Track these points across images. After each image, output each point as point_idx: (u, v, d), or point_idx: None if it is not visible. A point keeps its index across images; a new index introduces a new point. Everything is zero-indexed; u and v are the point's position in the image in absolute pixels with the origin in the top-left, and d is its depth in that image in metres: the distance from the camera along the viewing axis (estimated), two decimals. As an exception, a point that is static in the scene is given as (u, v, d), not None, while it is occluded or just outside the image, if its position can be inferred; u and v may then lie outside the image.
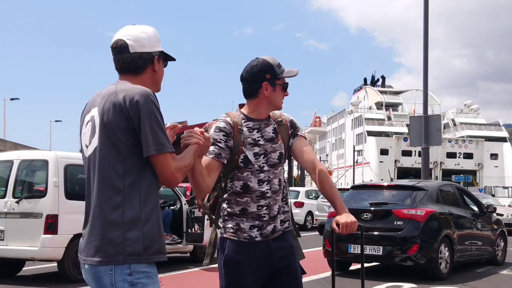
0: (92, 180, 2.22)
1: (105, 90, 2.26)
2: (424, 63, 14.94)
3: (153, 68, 2.32)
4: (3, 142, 38.58)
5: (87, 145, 2.25)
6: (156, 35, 2.35)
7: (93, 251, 2.12)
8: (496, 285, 8.30)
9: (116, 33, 2.35)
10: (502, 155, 72.90)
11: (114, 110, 2.14)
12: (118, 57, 2.31)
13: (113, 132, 2.14)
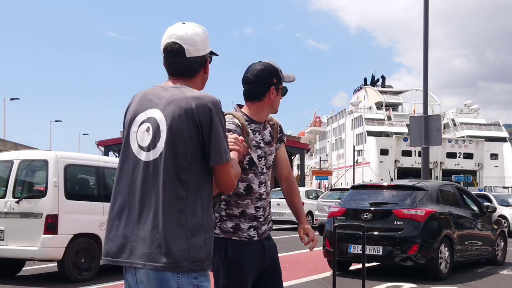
0: (145, 183, 2.15)
1: (167, 93, 2.20)
2: (424, 63, 14.94)
3: (205, 70, 2.33)
4: (3, 142, 38.59)
5: (142, 147, 2.18)
6: (207, 35, 2.32)
7: (157, 255, 2.08)
8: (496, 285, 8.30)
9: (167, 33, 2.29)
10: (502, 155, 72.93)
11: (186, 118, 2.11)
12: (172, 61, 2.26)
13: (183, 140, 2.12)
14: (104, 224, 8.42)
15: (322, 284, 7.84)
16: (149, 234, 2.10)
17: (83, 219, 8.21)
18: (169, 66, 2.28)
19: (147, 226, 2.11)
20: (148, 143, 2.16)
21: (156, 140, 2.14)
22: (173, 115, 2.12)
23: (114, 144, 25.66)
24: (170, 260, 2.07)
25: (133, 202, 2.16)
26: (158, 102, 2.18)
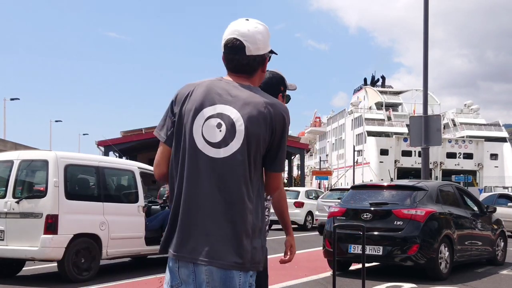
0: (215, 180, 2.12)
1: (242, 92, 2.18)
2: (424, 63, 14.94)
3: (263, 69, 2.32)
4: (3, 142, 38.58)
5: (211, 142, 2.13)
6: (269, 34, 2.30)
7: (225, 254, 2.08)
8: (496, 285, 8.30)
9: (229, 28, 2.25)
10: (502, 155, 72.94)
11: (264, 122, 2.13)
12: (232, 57, 2.24)
13: (257, 144, 2.13)
14: (104, 224, 8.43)
15: (322, 284, 7.84)
16: (219, 232, 2.09)
17: (83, 219, 8.21)
18: (228, 62, 2.25)
19: (216, 223, 2.10)
20: (219, 139, 2.12)
21: (230, 139, 2.11)
22: (251, 118, 2.12)
23: (114, 144, 25.64)
24: (238, 260, 2.08)
25: (201, 198, 2.12)
26: (231, 100, 2.15)
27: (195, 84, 2.24)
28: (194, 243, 2.10)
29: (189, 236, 2.12)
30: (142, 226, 9.12)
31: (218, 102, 2.15)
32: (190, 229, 2.12)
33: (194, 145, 2.14)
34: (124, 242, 8.79)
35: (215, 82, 2.22)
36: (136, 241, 9.03)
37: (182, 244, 2.13)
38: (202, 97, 2.17)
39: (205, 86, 2.20)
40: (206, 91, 2.18)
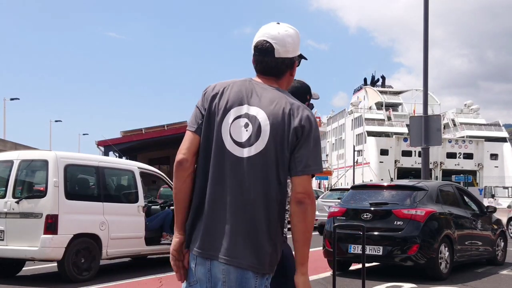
0: (240, 180, 2.12)
1: (268, 93, 2.20)
2: (424, 63, 14.93)
3: (291, 73, 2.33)
4: (3, 142, 38.57)
5: (238, 142, 2.15)
6: (299, 38, 2.31)
7: (245, 254, 2.08)
8: (496, 285, 8.29)
9: (260, 31, 2.28)
10: (502, 155, 72.92)
11: (289, 125, 2.13)
12: (261, 59, 2.26)
13: (282, 143, 2.12)
14: (104, 224, 8.43)
15: (322, 284, 7.84)
16: (240, 232, 2.09)
17: (83, 219, 8.21)
18: (258, 64, 2.27)
19: (238, 223, 2.10)
20: (245, 139, 2.14)
21: (255, 139, 2.13)
22: (276, 119, 2.13)
23: (114, 144, 25.62)
24: (256, 262, 2.08)
25: (224, 196, 2.12)
26: (258, 101, 2.18)
27: (226, 83, 2.25)
28: (214, 240, 2.11)
29: (209, 233, 2.12)
30: (142, 226, 9.12)
31: (246, 102, 2.18)
32: (211, 226, 2.13)
33: (221, 144, 2.15)
34: (124, 242, 8.79)
35: (245, 83, 2.24)
36: (136, 241, 9.02)
37: (202, 240, 2.13)
38: (232, 97, 2.19)
39: (235, 87, 2.22)
40: (237, 92, 2.20)
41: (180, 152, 2.22)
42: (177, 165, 2.22)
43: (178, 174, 2.21)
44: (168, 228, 9.96)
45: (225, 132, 2.16)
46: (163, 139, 30.06)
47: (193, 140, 2.22)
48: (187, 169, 2.21)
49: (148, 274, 8.69)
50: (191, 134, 2.23)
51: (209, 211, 2.14)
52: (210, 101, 2.21)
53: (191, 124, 2.25)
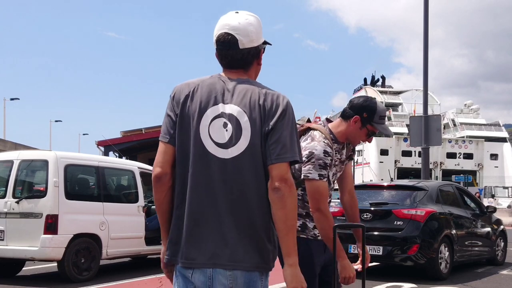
0: (228, 182, 2.03)
1: (238, 86, 2.10)
2: (424, 63, 14.94)
3: (258, 62, 2.22)
4: (3, 142, 38.56)
5: (219, 143, 2.05)
6: (261, 24, 2.19)
7: (248, 256, 2.01)
8: (496, 285, 8.29)
9: (219, 22, 2.16)
10: (502, 155, 72.89)
11: (264, 112, 2.04)
12: (225, 53, 2.14)
13: (261, 135, 2.04)
14: (104, 224, 8.43)
15: (322, 284, 7.84)
16: (239, 234, 2.01)
17: (83, 219, 8.21)
18: (222, 58, 2.16)
19: (235, 225, 2.02)
20: (227, 139, 2.04)
21: (237, 137, 2.03)
22: (253, 111, 2.04)
23: (114, 144, 25.61)
24: (262, 261, 2.03)
25: (214, 202, 2.03)
26: (230, 97, 2.08)
27: (195, 83, 2.14)
28: (213, 248, 2.02)
29: (204, 241, 2.03)
30: (142, 226, 9.12)
31: (221, 101, 2.08)
32: (205, 233, 2.03)
33: (203, 148, 2.05)
34: (124, 242, 8.80)
35: (215, 80, 2.14)
36: (136, 241, 9.03)
37: (197, 251, 2.03)
38: (205, 97, 2.09)
39: (205, 86, 2.12)
40: (208, 91, 2.10)
41: (156, 166, 2.12)
42: (155, 180, 2.12)
43: (158, 189, 2.12)
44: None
45: (204, 135, 2.06)
46: (163, 139, 29.98)
47: (168, 151, 2.11)
48: (167, 183, 2.12)
49: (148, 274, 8.69)
50: (164, 145, 2.12)
51: (199, 219, 2.04)
52: (182, 105, 2.10)
53: (163, 135, 2.14)
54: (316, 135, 2.95)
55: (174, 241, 2.10)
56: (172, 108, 2.14)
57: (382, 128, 3.03)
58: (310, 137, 2.95)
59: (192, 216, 2.05)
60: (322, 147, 2.89)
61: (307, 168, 2.86)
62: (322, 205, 2.87)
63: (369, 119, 3.02)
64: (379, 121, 3.03)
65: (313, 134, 2.96)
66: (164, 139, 2.13)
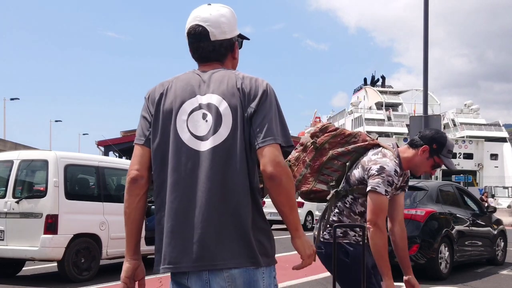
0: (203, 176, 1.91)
1: (214, 75, 2.01)
2: (424, 63, 14.95)
3: (233, 55, 2.13)
4: (3, 142, 38.59)
5: (199, 136, 1.95)
6: (234, 16, 2.11)
7: (240, 253, 1.89)
8: (496, 285, 8.30)
9: (191, 15, 2.09)
10: (502, 155, 72.92)
11: (243, 97, 1.95)
12: (196, 45, 2.07)
13: (242, 121, 1.93)
14: (104, 224, 8.42)
15: (322, 284, 7.84)
16: (224, 231, 1.89)
17: (83, 219, 8.21)
18: (194, 51, 2.09)
19: (219, 222, 1.89)
20: (207, 130, 1.94)
21: (217, 126, 1.93)
22: (232, 96, 1.95)
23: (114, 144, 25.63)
24: (254, 255, 1.90)
25: (195, 198, 1.91)
26: (206, 87, 1.99)
27: (169, 81, 2.08)
28: (198, 249, 1.89)
29: (188, 242, 1.90)
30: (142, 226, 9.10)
31: (197, 93, 1.99)
32: (188, 233, 1.90)
33: (181, 144, 1.95)
34: (124, 242, 8.77)
35: (189, 75, 2.07)
36: (136, 241, 9.01)
37: (182, 254, 1.91)
38: (179, 93, 2.01)
39: (179, 81, 2.05)
40: (183, 85, 2.02)
41: (132, 169, 2.03)
42: (131, 182, 2.02)
43: (132, 192, 2.02)
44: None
45: (182, 130, 1.97)
46: (163, 139, 30.07)
47: (144, 154, 2.03)
48: (143, 186, 2.03)
49: (148, 274, 8.67)
50: (140, 148, 2.04)
51: (181, 218, 1.92)
52: (157, 104, 2.03)
53: (138, 137, 2.06)
54: (388, 153, 3.02)
55: (158, 248, 1.98)
56: (147, 109, 2.07)
57: (449, 162, 3.12)
58: (382, 153, 3.01)
59: (173, 216, 1.93)
60: (393, 165, 2.95)
61: (376, 181, 2.89)
62: (380, 220, 2.92)
63: (438, 150, 3.10)
64: (447, 155, 3.11)
65: (384, 151, 3.03)
66: (139, 141, 2.06)
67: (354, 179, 3.03)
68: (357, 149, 3.10)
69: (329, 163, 3.12)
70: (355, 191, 3.02)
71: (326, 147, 3.12)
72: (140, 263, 2.11)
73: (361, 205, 3.07)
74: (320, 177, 3.14)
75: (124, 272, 2.06)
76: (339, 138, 3.14)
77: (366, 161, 3.00)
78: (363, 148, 3.10)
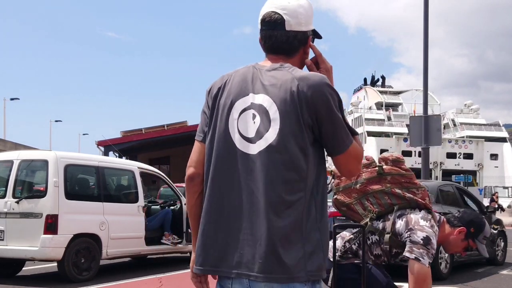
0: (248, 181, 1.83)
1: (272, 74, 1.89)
2: (424, 63, 14.92)
3: (305, 50, 2.01)
4: (3, 142, 38.56)
5: (247, 137, 1.85)
6: (312, 9, 1.99)
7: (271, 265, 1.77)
8: (496, 285, 8.30)
9: (267, 2, 1.98)
10: (502, 155, 72.88)
11: (299, 103, 1.81)
12: (269, 33, 1.95)
13: (299, 130, 1.81)
14: (104, 224, 8.42)
15: (322, 284, 7.84)
16: (260, 241, 1.77)
17: (83, 219, 8.21)
18: (266, 40, 1.97)
19: (258, 231, 1.79)
20: (254, 133, 1.84)
21: (265, 130, 1.82)
22: (284, 99, 1.81)
23: (114, 144, 25.60)
24: (297, 270, 1.77)
25: (239, 201, 1.84)
26: (261, 85, 1.88)
27: (228, 75, 1.98)
28: (238, 255, 1.81)
29: (230, 247, 1.83)
30: (142, 226, 9.12)
31: (251, 91, 1.89)
32: (230, 238, 1.83)
33: (230, 142, 1.87)
34: (124, 242, 8.79)
35: (248, 70, 1.95)
36: (136, 241, 9.03)
37: (224, 257, 1.84)
38: (234, 89, 1.92)
39: (237, 76, 1.94)
40: (239, 81, 1.92)
41: (190, 166, 1.99)
42: (188, 180, 1.99)
43: (190, 190, 1.99)
44: (169, 227, 9.97)
45: (233, 129, 1.88)
46: (163, 139, 30.04)
47: (202, 150, 1.97)
48: (200, 184, 1.97)
49: (148, 274, 8.69)
50: (199, 144, 1.99)
51: (226, 221, 1.85)
52: (213, 100, 1.95)
53: (198, 133, 2.01)
54: (435, 225, 2.99)
55: (200, 249, 1.92)
56: (207, 104, 2.00)
57: (482, 248, 3.18)
58: (430, 223, 2.97)
59: (218, 219, 1.87)
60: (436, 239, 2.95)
61: (421, 252, 2.86)
62: None
63: (474, 235, 3.15)
64: (482, 241, 3.17)
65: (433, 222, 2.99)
66: (198, 137, 2.00)
67: (392, 227, 2.98)
68: (412, 201, 3.06)
69: (380, 194, 3.08)
70: (385, 238, 2.99)
71: (388, 178, 3.08)
72: None
73: (381, 249, 3.08)
74: (364, 200, 3.11)
75: (192, 263, 2.00)
76: (404, 180, 3.11)
77: (413, 220, 2.95)
78: (416, 203, 3.07)
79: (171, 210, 10.32)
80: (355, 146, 1.88)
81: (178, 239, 9.85)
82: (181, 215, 9.99)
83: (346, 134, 1.86)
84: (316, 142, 1.86)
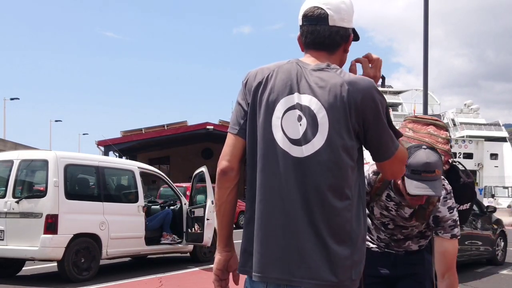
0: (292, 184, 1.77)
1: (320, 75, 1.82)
2: (424, 63, 14.92)
3: (345, 48, 1.97)
4: (3, 142, 38.54)
5: (292, 139, 1.79)
6: (353, 7, 1.97)
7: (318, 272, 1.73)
8: (496, 285, 8.30)
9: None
10: (502, 155, 72.89)
11: (349, 108, 1.77)
12: (312, 28, 1.90)
13: (348, 135, 1.78)
14: (104, 224, 8.43)
15: None
16: (308, 246, 1.74)
17: (83, 219, 8.21)
18: (308, 35, 1.92)
19: (305, 236, 1.75)
20: (301, 135, 1.78)
21: (312, 134, 1.77)
22: (333, 103, 1.76)
23: (114, 144, 25.62)
24: (334, 278, 1.72)
25: (283, 205, 1.78)
26: (307, 86, 1.82)
27: (270, 69, 1.90)
28: (281, 261, 1.76)
29: (273, 252, 1.78)
30: (142, 226, 9.12)
31: (296, 90, 1.82)
32: (273, 243, 1.78)
33: (273, 142, 1.81)
34: (124, 242, 8.80)
35: (292, 66, 1.88)
36: (136, 241, 9.03)
37: (267, 262, 1.78)
38: (278, 86, 1.84)
39: (281, 72, 1.87)
40: (283, 78, 1.85)
41: (223, 159, 1.89)
42: (221, 174, 1.89)
43: (223, 184, 1.90)
44: (168, 228, 9.98)
45: (276, 128, 1.81)
46: (163, 139, 30.09)
47: (237, 144, 1.89)
48: (233, 179, 1.89)
49: (148, 274, 8.69)
50: (233, 137, 1.90)
51: (269, 225, 1.79)
52: (254, 93, 1.87)
53: (232, 125, 1.92)
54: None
55: (243, 249, 1.88)
56: (244, 96, 1.91)
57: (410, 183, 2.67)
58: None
59: (263, 222, 1.81)
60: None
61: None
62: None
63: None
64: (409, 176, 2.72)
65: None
66: (233, 130, 1.91)
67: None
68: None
69: None
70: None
71: None
72: (232, 254, 1.98)
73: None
74: None
75: (215, 264, 1.96)
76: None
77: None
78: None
79: (171, 210, 10.33)
80: (400, 151, 1.87)
81: (178, 239, 9.86)
82: (181, 215, 9.99)
83: (392, 140, 1.84)
84: (360, 147, 1.83)
